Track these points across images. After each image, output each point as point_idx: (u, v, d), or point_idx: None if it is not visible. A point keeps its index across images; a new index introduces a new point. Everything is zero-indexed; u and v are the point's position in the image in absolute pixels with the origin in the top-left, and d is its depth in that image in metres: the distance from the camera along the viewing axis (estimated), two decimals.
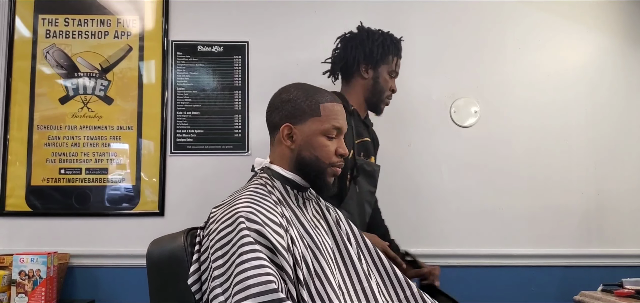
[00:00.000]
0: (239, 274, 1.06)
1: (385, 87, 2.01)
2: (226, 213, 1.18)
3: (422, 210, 2.51)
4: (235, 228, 1.13)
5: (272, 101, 1.39)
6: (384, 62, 2.00)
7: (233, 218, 1.15)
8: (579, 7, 2.70)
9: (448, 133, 2.57)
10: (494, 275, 2.48)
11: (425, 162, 2.54)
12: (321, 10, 2.59)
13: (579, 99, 2.64)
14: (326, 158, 1.32)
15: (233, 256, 1.09)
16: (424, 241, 2.46)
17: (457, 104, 2.58)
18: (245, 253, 1.08)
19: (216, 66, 2.53)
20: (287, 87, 1.38)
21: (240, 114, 2.51)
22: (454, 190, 2.53)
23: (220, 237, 1.14)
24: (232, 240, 1.12)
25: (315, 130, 1.31)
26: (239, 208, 1.17)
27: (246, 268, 1.06)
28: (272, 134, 1.38)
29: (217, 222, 1.18)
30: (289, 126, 1.32)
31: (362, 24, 2.10)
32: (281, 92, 1.38)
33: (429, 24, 2.63)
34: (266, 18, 2.57)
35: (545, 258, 2.51)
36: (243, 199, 1.20)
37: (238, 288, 1.04)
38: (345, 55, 2.03)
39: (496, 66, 2.62)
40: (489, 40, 2.64)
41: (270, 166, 1.35)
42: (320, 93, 1.35)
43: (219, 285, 1.09)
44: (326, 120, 1.32)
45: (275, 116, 1.35)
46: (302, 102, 1.32)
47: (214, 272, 1.12)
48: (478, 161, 2.55)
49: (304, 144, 1.31)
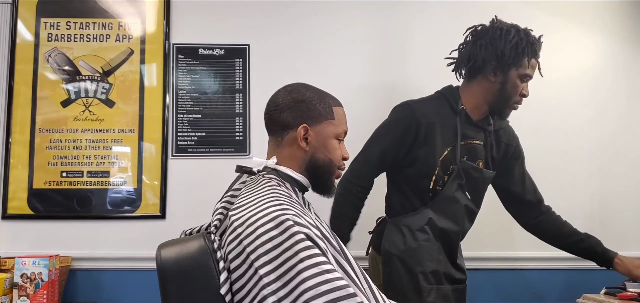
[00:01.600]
0: (308, 280, 0.99)
1: (513, 92, 1.81)
2: (263, 216, 1.09)
3: None
4: (284, 232, 1.05)
5: (281, 99, 1.33)
6: (515, 66, 1.80)
7: (278, 221, 1.07)
8: (580, 9, 2.70)
9: None
10: (496, 278, 2.48)
11: None
12: (322, 13, 2.59)
13: (580, 100, 2.64)
14: (337, 161, 1.33)
15: (291, 261, 1.02)
16: None
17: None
18: (309, 258, 1.02)
19: (217, 69, 2.53)
20: (294, 86, 1.35)
21: (241, 117, 2.51)
22: None
23: (264, 241, 1.05)
24: (284, 244, 1.04)
25: (330, 133, 1.31)
26: (279, 210, 1.09)
27: (318, 273, 1.00)
28: (280, 135, 1.32)
29: (251, 226, 1.08)
30: (306, 127, 1.29)
31: (497, 18, 1.90)
32: (291, 91, 1.33)
33: (431, 26, 2.63)
34: (267, 21, 2.57)
35: (548, 261, 2.50)
36: (275, 200, 1.13)
37: (311, 294, 0.98)
38: (473, 53, 1.85)
39: None
40: None
41: (278, 168, 1.30)
42: (329, 96, 1.36)
43: (272, 293, 1.01)
44: (339, 124, 1.33)
45: (287, 116, 1.30)
46: (317, 104, 1.31)
47: (263, 279, 1.02)
48: None
49: (318, 147, 1.30)
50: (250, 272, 1.05)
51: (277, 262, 1.03)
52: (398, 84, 2.58)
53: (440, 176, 1.86)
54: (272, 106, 1.34)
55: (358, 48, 2.59)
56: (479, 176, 1.90)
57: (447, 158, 1.86)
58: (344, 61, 2.57)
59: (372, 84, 2.57)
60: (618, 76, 2.67)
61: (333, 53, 2.57)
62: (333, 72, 2.53)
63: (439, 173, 1.86)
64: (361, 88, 2.55)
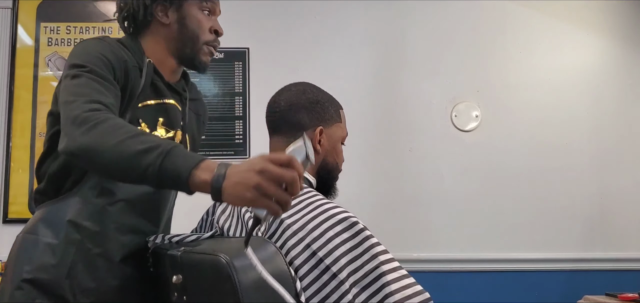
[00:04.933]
0: (392, 283, 0.98)
1: (198, 29, 1.32)
2: (327, 218, 1.05)
3: (423, 214, 2.50)
4: (357, 234, 1.02)
5: (296, 99, 1.26)
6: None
7: (347, 224, 1.04)
8: (580, 10, 2.70)
9: (449, 138, 2.56)
10: (497, 280, 2.47)
11: (426, 167, 2.53)
12: (321, 15, 2.60)
13: (580, 101, 2.64)
14: (341, 165, 1.31)
15: (370, 264, 0.99)
16: (426, 247, 2.45)
17: (458, 109, 2.58)
18: (389, 262, 1.00)
19: (217, 72, 2.53)
20: (306, 86, 1.29)
21: (241, 120, 2.51)
22: (455, 195, 2.52)
23: (338, 244, 1.01)
24: (360, 247, 1.01)
25: (339, 136, 1.29)
26: (341, 212, 1.06)
27: (399, 277, 0.99)
28: (292, 134, 1.23)
29: (317, 229, 1.03)
30: (322, 129, 1.24)
31: None
32: (304, 91, 1.27)
33: (430, 28, 2.63)
34: (266, 24, 2.57)
35: (549, 262, 2.50)
36: (326, 201, 1.10)
37: (398, 298, 0.97)
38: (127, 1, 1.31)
39: (497, 70, 2.62)
40: (489, 43, 2.64)
41: None
42: (334, 98, 1.33)
43: (354, 297, 0.98)
44: (345, 127, 1.31)
45: (303, 117, 1.23)
46: (329, 107, 1.27)
47: (343, 284, 0.98)
48: (479, 165, 2.55)
49: (330, 149, 1.26)
50: (325, 276, 0.99)
51: (356, 265, 1.00)
52: (396, 85, 2.59)
53: None
54: (284, 105, 1.26)
55: (357, 50, 2.59)
56: None
57: None
58: (343, 63, 2.57)
59: (371, 86, 2.58)
60: (617, 75, 2.67)
61: (332, 55, 2.58)
62: (332, 75, 2.53)
63: None
64: (360, 90, 2.55)
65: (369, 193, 2.45)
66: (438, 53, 2.62)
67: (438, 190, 2.52)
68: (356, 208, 2.37)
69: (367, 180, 2.46)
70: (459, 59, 2.61)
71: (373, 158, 2.49)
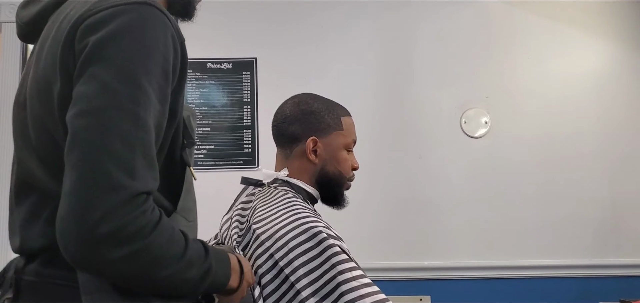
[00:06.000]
0: (349, 292, 0.99)
1: None
2: (292, 228, 1.07)
3: (433, 221, 2.48)
4: (319, 244, 1.04)
5: (289, 111, 1.32)
6: None
7: (310, 233, 1.06)
8: (588, 14, 2.68)
9: (458, 144, 2.55)
10: (507, 287, 2.44)
11: (436, 173, 2.52)
12: (329, 24, 2.61)
13: (590, 106, 2.61)
14: (347, 172, 1.31)
15: (329, 274, 1.01)
16: (436, 254, 2.44)
17: (467, 115, 2.56)
18: (349, 271, 1.01)
19: (225, 82, 2.54)
20: (302, 98, 1.34)
21: (250, 130, 2.52)
22: (465, 201, 2.50)
23: (298, 254, 1.03)
24: (320, 257, 1.03)
25: (339, 144, 1.30)
26: (308, 221, 1.08)
27: (358, 286, 1.00)
28: (288, 147, 1.30)
29: (281, 239, 1.06)
30: (315, 139, 1.27)
31: None
32: (299, 103, 1.32)
33: (438, 35, 2.62)
34: (274, 34, 2.59)
35: (561, 269, 2.46)
36: (299, 212, 1.12)
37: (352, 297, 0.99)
38: None
39: (506, 76, 2.61)
40: (498, 49, 2.63)
41: (289, 180, 1.28)
42: (337, 106, 1.34)
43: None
44: (348, 134, 1.32)
45: (296, 128, 1.29)
46: (325, 116, 1.30)
47: (301, 293, 1.01)
48: (489, 172, 2.53)
49: (328, 159, 1.29)
50: (284, 286, 1.03)
51: (314, 275, 1.01)
52: (405, 92, 2.58)
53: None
54: (280, 118, 1.33)
55: (365, 57, 2.59)
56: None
57: None
58: (351, 71, 2.57)
59: (379, 93, 2.57)
60: (627, 78, 2.64)
61: (340, 63, 2.58)
62: (340, 82, 2.54)
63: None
64: (368, 97, 2.55)
65: (378, 200, 2.44)
66: (447, 60, 2.62)
67: (448, 196, 2.51)
68: (365, 215, 2.39)
69: (376, 188, 2.45)
70: (468, 66, 2.60)
71: (382, 165, 2.49)
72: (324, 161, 1.29)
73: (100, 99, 0.66)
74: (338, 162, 1.29)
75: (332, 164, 1.29)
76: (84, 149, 0.65)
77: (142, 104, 0.68)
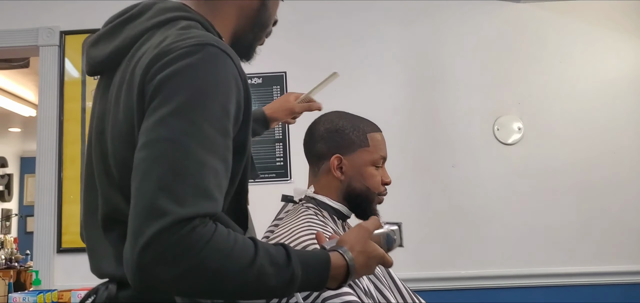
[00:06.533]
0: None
1: (270, 19, 1.13)
2: (299, 245, 1.13)
3: (468, 231, 2.45)
4: None
5: (315, 131, 1.36)
6: None
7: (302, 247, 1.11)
8: (621, 14, 2.62)
9: (492, 151, 2.52)
10: (548, 296, 2.40)
11: (470, 182, 2.50)
12: (357, 36, 2.61)
13: (624, 108, 2.55)
14: (375, 188, 1.32)
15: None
16: (472, 264, 2.41)
17: (500, 122, 2.53)
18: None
19: (256, 96, 2.57)
20: (328, 116, 1.37)
21: (281, 143, 2.54)
22: (500, 209, 2.47)
23: None
24: None
25: (366, 161, 1.31)
26: (307, 239, 1.13)
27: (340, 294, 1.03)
28: (316, 165, 1.34)
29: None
30: (339, 157, 1.30)
31: None
32: (323, 122, 1.35)
33: (468, 43, 2.60)
34: (303, 47, 2.60)
35: (604, 276, 2.40)
36: (308, 229, 1.16)
37: None
38: None
39: (538, 81, 2.57)
40: (529, 55, 2.59)
41: (316, 197, 1.31)
42: (364, 122, 1.35)
43: None
44: (374, 151, 1.32)
45: (321, 147, 1.32)
46: (350, 133, 1.31)
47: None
48: (525, 178, 2.49)
49: (354, 175, 1.30)
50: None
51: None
52: (436, 101, 2.57)
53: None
54: (307, 137, 1.37)
55: (395, 70, 2.59)
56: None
57: None
58: (381, 83, 2.57)
59: (411, 107, 2.56)
60: None
61: (369, 76, 2.58)
62: (370, 95, 2.53)
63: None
64: (399, 109, 2.54)
65: (414, 212, 2.43)
66: (477, 67, 2.59)
67: (484, 204, 2.48)
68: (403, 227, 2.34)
69: (411, 199, 2.44)
70: (499, 72, 2.58)
71: (416, 176, 2.47)
72: (350, 177, 1.30)
73: (155, 132, 0.71)
74: (364, 178, 1.31)
75: (358, 180, 1.30)
76: (138, 179, 0.70)
77: (195, 137, 0.71)
